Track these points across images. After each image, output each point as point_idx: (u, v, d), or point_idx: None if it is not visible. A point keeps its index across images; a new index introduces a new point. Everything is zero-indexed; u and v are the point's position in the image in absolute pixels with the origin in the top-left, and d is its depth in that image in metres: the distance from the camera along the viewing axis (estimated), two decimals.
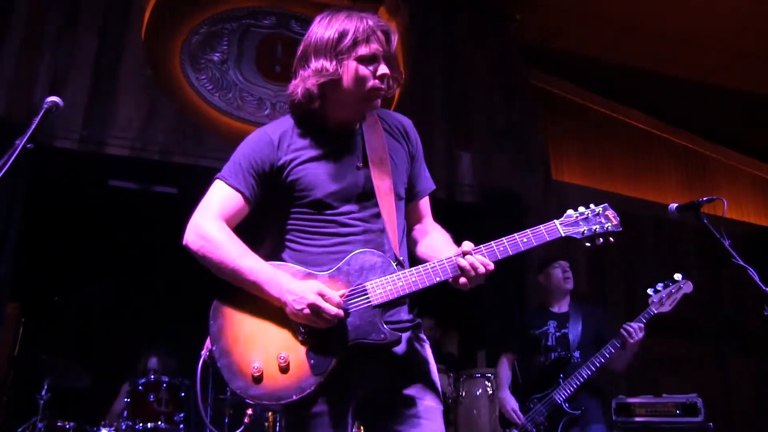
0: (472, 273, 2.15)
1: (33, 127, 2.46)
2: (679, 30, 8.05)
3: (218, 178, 2.32)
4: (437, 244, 2.40)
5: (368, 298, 2.17)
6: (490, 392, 5.49)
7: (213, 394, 5.34)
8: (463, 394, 5.54)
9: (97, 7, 6.78)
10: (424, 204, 2.56)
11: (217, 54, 7.20)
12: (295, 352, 2.14)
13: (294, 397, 2.10)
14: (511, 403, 4.89)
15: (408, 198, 2.48)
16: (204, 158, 6.45)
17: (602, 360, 4.59)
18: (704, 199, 2.97)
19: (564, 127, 8.77)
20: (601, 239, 2.33)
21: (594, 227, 2.31)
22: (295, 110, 2.37)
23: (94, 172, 6.76)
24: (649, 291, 4.59)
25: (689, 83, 8.88)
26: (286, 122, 2.39)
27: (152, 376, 5.71)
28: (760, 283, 2.73)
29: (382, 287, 2.17)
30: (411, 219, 2.52)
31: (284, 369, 2.13)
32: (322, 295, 2.10)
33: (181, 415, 5.56)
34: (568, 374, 4.70)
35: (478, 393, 5.52)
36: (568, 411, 4.64)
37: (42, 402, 5.29)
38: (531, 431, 4.68)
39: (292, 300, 2.11)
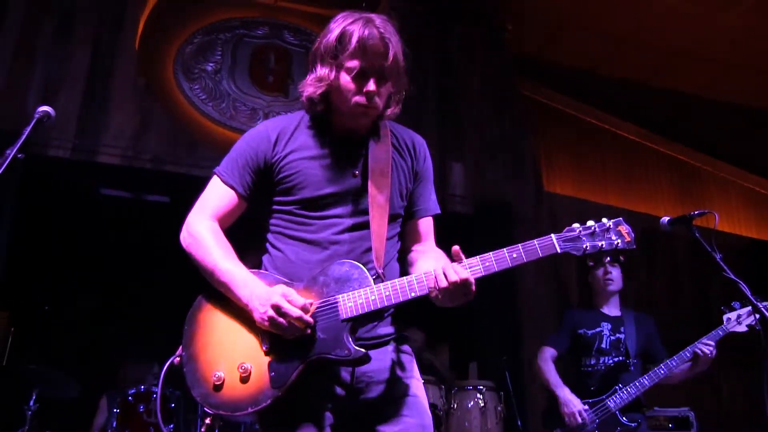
0: (443, 280, 2.00)
1: (23, 137, 2.44)
2: (671, 43, 8.09)
3: (215, 173, 2.32)
4: (425, 263, 2.26)
5: (338, 311, 2.08)
6: (482, 404, 5.47)
7: (182, 415, 5.27)
8: (455, 406, 5.52)
9: (91, 16, 6.76)
10: (424, 225, 2.43)
11: (211, 64, 7.20)
12: (258, 363, 2.07)
13: (249, 410, 2.03)
14: (579, 405, 4.39)
15: (406, 216, 2.40)
16: (196, 168, 6.42)
17: (666, 371, 4.34)
18: (696, 212, 2.97)
19: (556, 138, 8.78)
20: (608, 257, 2.13)
21: (599, 243, 2.10)
22: (307, 111, 2.34)
23: (87, 181, 6.75)
24: (724, 309, 4.31)
25: (682, 96, 8.92)
26: (293, 118, 2.36)
27: (142, 387, 5.66)
28: (750, 296, 2.74)
29: (353, 300, 2.06)
30: (408, 238, 2.42)
31: (245, 379, 2.06)
32: (285, 297, 2.03)
33: (171, 426, 5.53)
34: (624, 382, 4.44)
35: (469, 405, 5.51)
36: (623, 422, 4.36)
37: (30, 413, 5.24)
38: None
39: (258, 304, 2.04)
